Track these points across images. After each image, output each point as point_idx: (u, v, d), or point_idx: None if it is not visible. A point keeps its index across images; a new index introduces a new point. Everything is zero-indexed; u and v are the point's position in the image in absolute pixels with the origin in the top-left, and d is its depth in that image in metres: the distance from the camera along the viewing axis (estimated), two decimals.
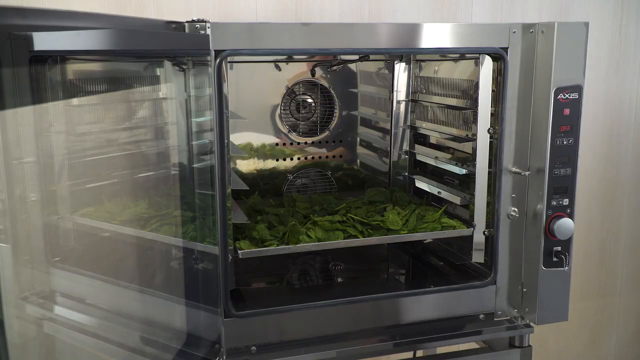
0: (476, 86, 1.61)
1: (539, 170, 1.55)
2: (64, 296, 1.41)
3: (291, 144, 2.05)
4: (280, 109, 1.99)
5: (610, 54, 2.51)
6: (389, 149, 2.10)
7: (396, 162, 2.12)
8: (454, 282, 1.66)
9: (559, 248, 1.58)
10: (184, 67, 1.44)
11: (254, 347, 1.50)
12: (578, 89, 1.51)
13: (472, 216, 1.65)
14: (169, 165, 1.57)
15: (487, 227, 1.64)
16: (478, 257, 1.67)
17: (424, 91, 2.02)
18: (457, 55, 1.76)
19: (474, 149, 1.65)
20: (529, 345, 1.70)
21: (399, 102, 2.09)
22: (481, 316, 1.67)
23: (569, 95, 1.50)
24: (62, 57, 1.29)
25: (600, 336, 2.86)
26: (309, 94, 2.02)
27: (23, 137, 1.23)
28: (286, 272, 1.80)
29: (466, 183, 1.74)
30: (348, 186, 2.12)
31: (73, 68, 1.37)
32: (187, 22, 1.33)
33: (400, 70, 2.05)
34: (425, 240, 1.92)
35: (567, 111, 1.51)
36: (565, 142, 1.53)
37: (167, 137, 1.57)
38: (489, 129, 1.60)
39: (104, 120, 1.48)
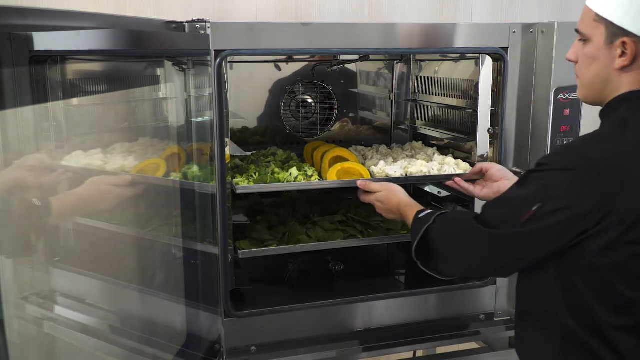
0: (476, 86, 1.61)
1: None
2: (64, 296, 1.41)
3: (291, 143, 2.04)
4: (281, 109, 1.99)
5: None
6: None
7: None
8: (454, 282, 1.65)
9: None
10: (184, 67, 1.44)
11: (254, 347, 1.50)
12: None
13: None
14: None
15: None
16: None
17: (424, 91, 2.02)
18: (457, 55, 1.76)
19: (474, 149, 1.65)
20: None
21: (399, 102, 2.09)
22: (481, 316, 1.67)
23: (569, 95, 1.49)
24: (62, 57, 1.29)
25: None
26: (309, 94, 2.02)
27: (23, 138, 1.23)
28: (286, 272, 1.80)
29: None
30: None
31: (73, 68, 1.38)
32: (187, 22, 1.33)
33: (400, 70, 2.05)
34: None
35: (567, 111, 1.51)
36: (565, 142, 1.52)
37: (167, 137, 1.57)
38: (489, 129, 1.60)
39: (103, 120, 1.48)
